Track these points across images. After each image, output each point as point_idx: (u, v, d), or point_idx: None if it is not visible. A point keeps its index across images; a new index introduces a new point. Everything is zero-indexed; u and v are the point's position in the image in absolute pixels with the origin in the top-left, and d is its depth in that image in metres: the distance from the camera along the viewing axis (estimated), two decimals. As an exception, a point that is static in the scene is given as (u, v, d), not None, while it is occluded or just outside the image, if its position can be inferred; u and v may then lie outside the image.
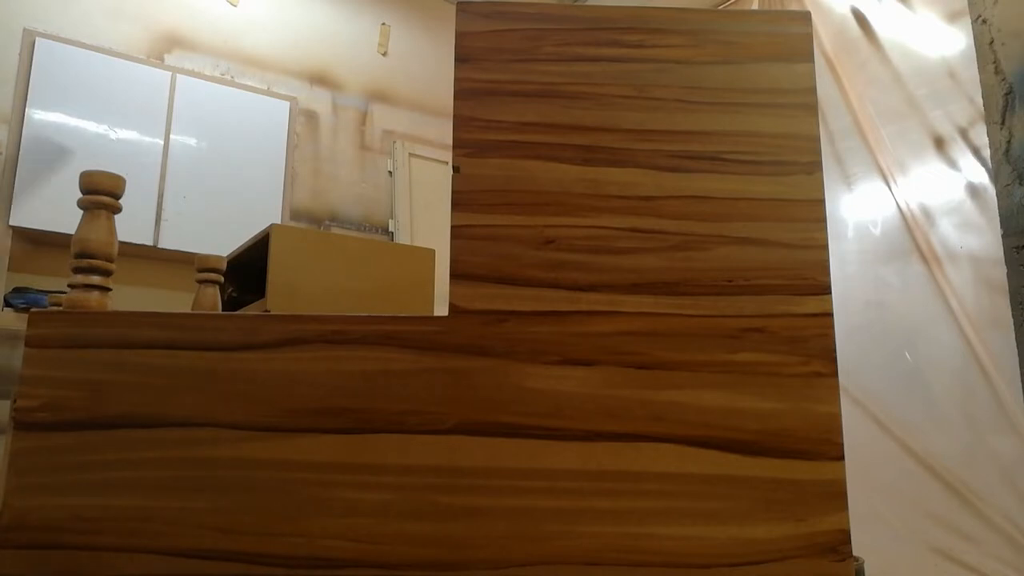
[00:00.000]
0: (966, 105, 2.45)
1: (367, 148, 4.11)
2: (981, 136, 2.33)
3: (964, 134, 2.47)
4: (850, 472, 0.82)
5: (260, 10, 3.87)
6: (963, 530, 2.26)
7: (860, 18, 2.90)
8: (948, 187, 2.52)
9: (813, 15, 0.98)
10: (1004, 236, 1.66)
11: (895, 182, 2.69)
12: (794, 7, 3.22)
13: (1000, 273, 1.77)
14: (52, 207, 2.90)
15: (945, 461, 2.36)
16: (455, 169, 0.89)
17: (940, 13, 2.61)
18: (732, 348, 0.85)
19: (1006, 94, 1.66)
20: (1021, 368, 1.62)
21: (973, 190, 2.42)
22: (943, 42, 2.59)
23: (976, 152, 2.42)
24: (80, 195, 0.90)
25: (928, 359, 2.48)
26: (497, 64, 0.92)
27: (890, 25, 2.79)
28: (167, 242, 3.26)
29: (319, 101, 3.98)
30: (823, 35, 2.98)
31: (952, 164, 2.51)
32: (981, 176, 2.39)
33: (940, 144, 2.55)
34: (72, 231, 0.90)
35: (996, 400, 2.25)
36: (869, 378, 2.58)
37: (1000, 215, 1.68)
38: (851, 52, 2.92)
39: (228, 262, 1.45)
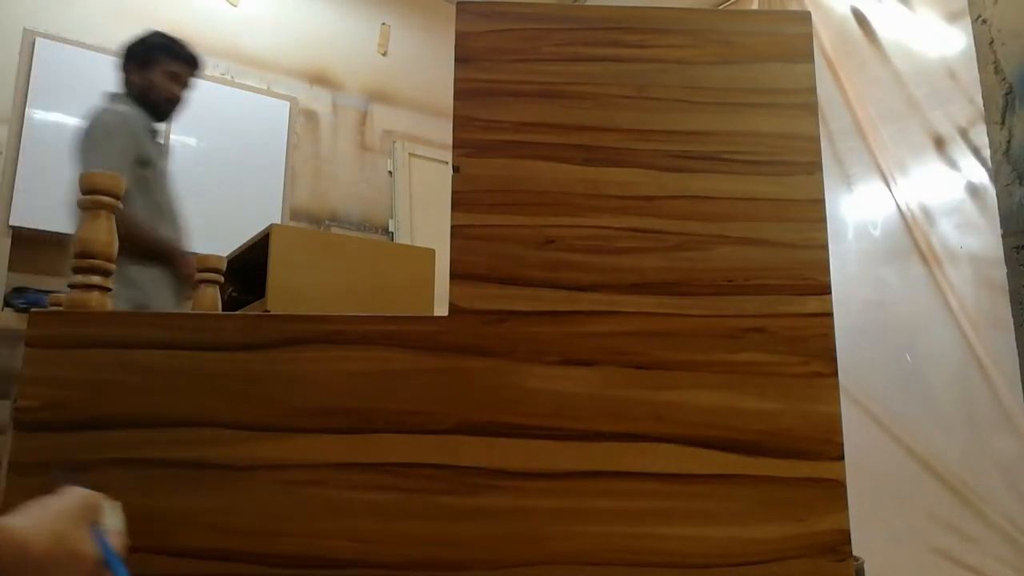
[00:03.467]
0: (966, 105, 2.45)
1: (367, 148, 4.10)
2: (981, 136, 2.32)
3: (964, 134, 2.47)
4: (850, 472, 0.82)
5: (260, 10, 3.87)
6: (963, 530, 2.26)
7: (860, 18, 2.90)
8: (948, 187, 2.52)
9: (813, 15, 0.98)
10: (1004, 236, 1.66)
11: (895, 182, 2.69)
12: (794, 7, 3.22)
13: (1000, 273, 1.77)
14: (52, 207, 2.90)
15: (945, 461, 2.36)
16: (455, 169, 0.89)
17: (940, 13, 2.61)
18: (732, 348, 0.85)
19: (1006, 94, 1.66)
20: (1021, 368, 1.61)
21: (973, 190, 2.42)
22: (943, 42, 2.59)
23: (976, 152, 2.42)
24: (80, 195, 0.90)
25: (928, 359, 2.48)
26: (497, 64, 0.92)
27: (890, 25, 2.79)
28: (167, 242, 3.25)
29: (319, 101, 3.98)
30: (823, 35, 2.98)
31: (952, 164, 2.51)
32: (981, 176, 2.39)
33: (940, 144, 2.55)
34: (72, 231, 0.90)
35: (996, 400, 2.25)
36: (869, 378, 2.58)
37: (1000, 215, 1.68)
38: (851, 52, 2.91)
39: (228, 262, 1.45)
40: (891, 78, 2.74)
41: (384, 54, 4.25)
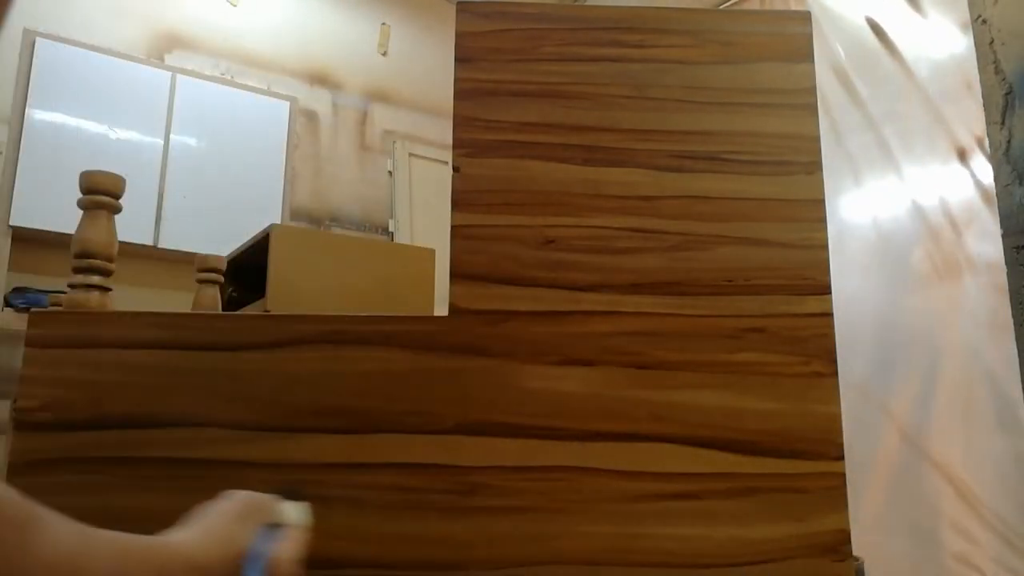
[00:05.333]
0: (978, 111, 2.45)
1: (367, 148, 4.10)
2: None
3: (980, 141, 2.47)
4: (850, 473, 0.82)
5: (260, 10, 3.87)
6: (964, 531, 2.26)
7: (874, 26, 2.90)
8: (956, 190, 2.52)
9: (827, 24, 0.98)
10: (1004, 236, 1.66)
11: (900, 182, 2.69)
12: (794, 7, 3.21)
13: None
14: (52, 207, 2.90)
15: (947, 461, 2.35)
16: (455, 169, 0.89)
17: (953, 20, 2.61)
18: (732, 348, 0.85)
19: (1006, 94, 1.66)
20: (1021, 368, 1.61)
21: (984, 192, 2.43)
22: (958, 49, 2.59)
23: (986, 155, 2.42)
24: (80, 195, 0.90)
25: (929, 359, 2.48)
26: (497, 64, 0.92)
27: (904, 33, 2.80)
28: (167, 242, 3.25)
29: (319, 101, 3.98)
30: (838, 44, 2.97)
31: (960, 166, 2.51)
32: (990, 179, 2.39)
33: (946, 145, 2.55)
34: (72, 231, 0.90)
35: (997, 401, 2.25)
36: (868, 378, 2.58)
37: (1000, 215, 1.67)
38: (865, 59, 2.91)
39: (228, 262, 1.45)
40: (904, 83, 2.74)
41: (384, 54, 4.25)
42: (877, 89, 2.86)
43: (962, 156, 2.52)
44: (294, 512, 0.58)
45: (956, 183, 2.55)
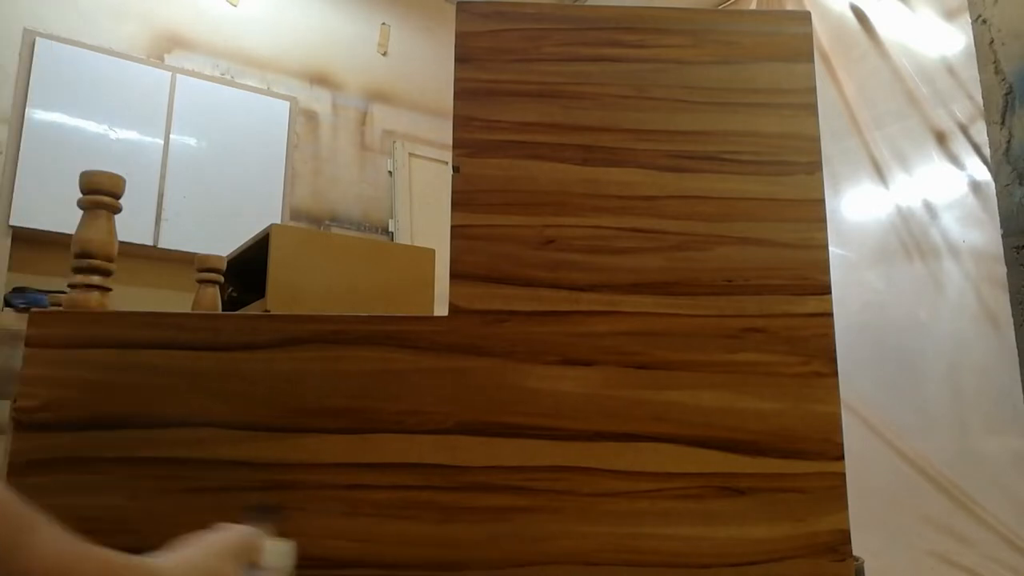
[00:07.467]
0: (965, 102, 2.45)
1: (367, 148, 4.10)
2: (981, 133, 2.32)
3: (964, 130, 2.47)
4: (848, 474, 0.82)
5: (260, 10, 3.87)
6: (959, 532, 2.26)
7: (859, 15, 2.90)
8: (948, 183, 2.52)
9: (810, 11, 0.98)
10: (1004, 236, 1.66)
11: (894, 179, 2.69)
12: (792, 6, 3.22)
13: (1001, 270, 1.77)
14: (52, 207, 2.90)
15: (944, 462, 2.35)
16: (455, 169, 0.89)
17: (938, 10, 2.61)
18: (732, 348, 0.85)
19: (1006, 94, 1.66)
20: (1021, 368, 1.61)
21: (974, 186, 2.42)
22: (942, 39, 2.59)
23: (977, 149, 2.42)
24: (80, 195, 0.90)
25: (927, 358, 2.48)
26: (497, 64, 0.92)
27: (888, 22, 2.79)
28: (167, 242, 3.25)
29: (319, 101, 3.98)
30: (820, 32, 2.97)
31: (952, 160, 2.51)
32: (982, 172, 2.39)
33: (941, 140, 2.55)
34: (72, 231, 0.90)
35: (997, 400, 2.25)
36: (867, 379, 2.58)
37: (1000, 215, 1.67)
38: (849, 49, 2.91)
39: (228, 262, 1.45)
40: (890, 75, 2.74)
41: (384, 54, 4.25)
42: (858, 75, 2.85)
43: (946, 144, 2.51)
44: (280, 554, 0.58)
45: (939, 171, 2.54)
